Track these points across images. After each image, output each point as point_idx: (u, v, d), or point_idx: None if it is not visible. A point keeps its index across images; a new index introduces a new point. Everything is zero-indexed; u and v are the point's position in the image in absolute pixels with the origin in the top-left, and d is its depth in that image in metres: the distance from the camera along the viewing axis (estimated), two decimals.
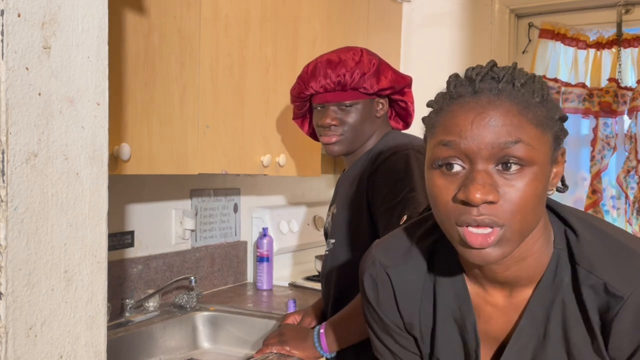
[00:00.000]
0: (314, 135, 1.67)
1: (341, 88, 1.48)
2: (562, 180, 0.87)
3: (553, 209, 0.88)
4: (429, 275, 0.93)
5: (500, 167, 0.76)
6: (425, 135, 0.86)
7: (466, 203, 0.75)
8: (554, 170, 0.82)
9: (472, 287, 0.91)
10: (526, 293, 0.86)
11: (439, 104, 0.82)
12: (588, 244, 0.83)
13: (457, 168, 0.78)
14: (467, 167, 0.77)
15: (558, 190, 0.86)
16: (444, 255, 0.91)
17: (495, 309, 0.89)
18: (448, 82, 0.83)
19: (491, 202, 0.75)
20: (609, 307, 0.79)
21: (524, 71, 0.81)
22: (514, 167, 0.75)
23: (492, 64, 0.81)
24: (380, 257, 0.97)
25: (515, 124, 0.75)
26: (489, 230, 0.75)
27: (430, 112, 0.84)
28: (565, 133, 0.83)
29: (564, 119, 0.82)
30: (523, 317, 0.86)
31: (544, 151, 0.78)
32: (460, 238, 0.77)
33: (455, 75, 0.83)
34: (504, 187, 0.75)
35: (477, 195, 0.74)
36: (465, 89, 0.79)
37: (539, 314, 0.85)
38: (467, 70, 0.82)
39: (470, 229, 0.76)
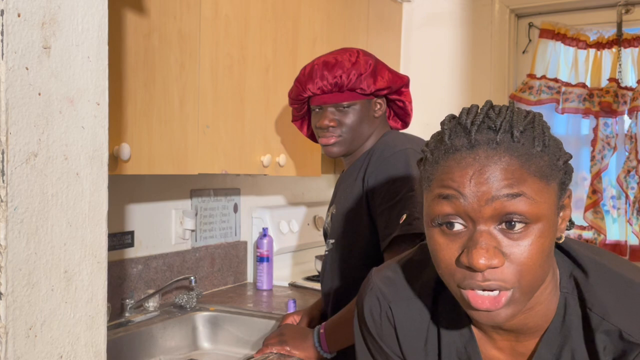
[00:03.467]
0: (313, 137, 1.67)
1: (338, 89, 1.48)
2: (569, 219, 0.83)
3: (560, 247, 0.84)
4: (433, 315, 0.91)
5: (503, 225, 0.72)
6: (421, 186, 0.81)
7: (470, 268, 0.72)
8: (561, 215, 0.78)
9: (477, 331, 0.88)
10: (534, 338, 0.84)
11: (434, 155, 0.77)
12: (599, 287, 0.80)
13: (458, 227, 0.74)
14: (469, 227, 0.74)
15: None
16: (447, 299, 0.88)
17: (502, 352, 0.87)
18: (443, 128, 0.78)
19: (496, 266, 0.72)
20: (625, 353, 0.77)
21: (522, 112, 0.76)
22: (518, 226, 0.71)
23: (489, 106, 0.77)
24: (383, 288, 0.94)
25: (517, 177, 0.71)
26: (496, 292, 0.73)
27: (426, 163, 0.79)
28: (570, 176, 0.78)
29: (568, 159, 0.78)
30: None
31: (549, 203, 0.73)
32: (465, 301, 0.75)
33: (450, 119, 0.78)
34: (509, 248, 0.72)
35: (481, 261, 0.70)
36: (461, 141, 0.74)
37: (548, 358, 0.83)
38: (461, 114, 0.77)
39: (476, 291, 0.73)
